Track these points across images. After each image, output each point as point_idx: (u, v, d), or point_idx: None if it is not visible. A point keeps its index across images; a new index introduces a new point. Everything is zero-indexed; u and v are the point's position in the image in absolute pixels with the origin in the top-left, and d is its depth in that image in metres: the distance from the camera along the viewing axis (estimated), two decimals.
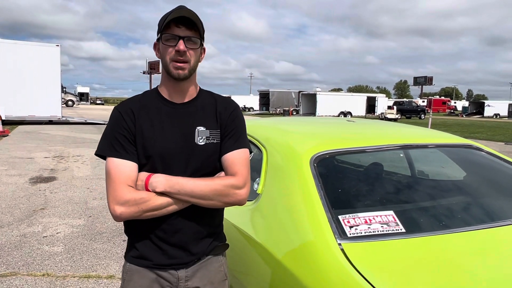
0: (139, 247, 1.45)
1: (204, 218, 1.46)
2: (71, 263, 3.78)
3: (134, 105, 1.45)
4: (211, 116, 1.49)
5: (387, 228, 1.50)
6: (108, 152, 1.39)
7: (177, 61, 1.38)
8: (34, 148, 11.68)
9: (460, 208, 1.87)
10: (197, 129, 1.45)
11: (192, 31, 1.39)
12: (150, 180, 1.36)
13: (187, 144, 1.43)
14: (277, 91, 48.57)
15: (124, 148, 1.38)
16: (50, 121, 20.78)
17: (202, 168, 1.44)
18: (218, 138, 1.47)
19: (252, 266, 1.73)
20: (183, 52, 1.37)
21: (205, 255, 1.49)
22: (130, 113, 1.42)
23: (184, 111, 1.46)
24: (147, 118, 1.43)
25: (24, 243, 4.24)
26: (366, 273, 1.28)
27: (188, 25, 1.38)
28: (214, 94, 1.57)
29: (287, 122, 2.78)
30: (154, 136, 1.41)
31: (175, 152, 1.41)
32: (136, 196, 1.32)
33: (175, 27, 1.37)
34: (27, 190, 6.58)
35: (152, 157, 1.40)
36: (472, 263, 1.41)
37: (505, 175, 2.17)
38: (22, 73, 19.21)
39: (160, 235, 1.42)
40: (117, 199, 1.32)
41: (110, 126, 1.43)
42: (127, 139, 1.39)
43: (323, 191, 1.64)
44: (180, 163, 1.41)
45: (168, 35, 1.38)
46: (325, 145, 1.93)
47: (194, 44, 1.40)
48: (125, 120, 1.41)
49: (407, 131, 2.41)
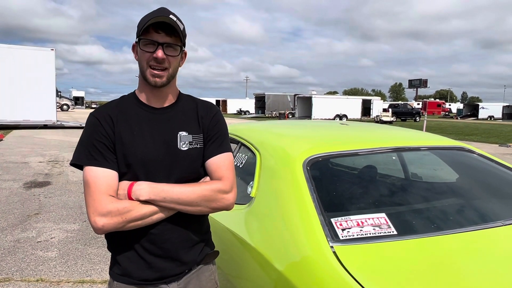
0: (124, 263, 1.37)
1: (192, 224, 1.43)
2: (65, 268, 3.76)
3: (112, 111, 1.38)
4: (193, 120, 1.44)
5: (379, 231, 1.51)
6: (86, 161, 1.31)
7: (154, 68, 1.33)
8: (29, 152, 11.62)
9: (452, 210, 1.89)
10: (179, 134, 1.40)
11: (172, 37, 1.33)
12: (133, 188, 1.29)
13: (170, 150, 1.38)
14: (272, 95, 48.65)
15: (103, 156, 1.31)
16: (45, 125, 20.68)
17: (186, 174, 1.39)
18: (201, 142, 1.43)
19: (245, 269, 1.74)
20: (162, 59, 1.32)
21: (196, 265, 1.46)
22: (108, 119, 1.36)
23: (164, 116, 1.41)
24: (126, 124, 1.36)
25: (18, 249, 4.21)
26: (358, 275, 1.28)
27: (168, 31, 1.32)
28: (194, 98, 1.53)
29: (281, 126, 2.79)
30: (135, 143, 1.34)
31: (158, 159, 1.35)
32: (119, 206, 1.25)
33: (154, 32, 1.31)
34: (21, 195, 6.54)
35: (133, 165, 1.33)
36: (464, 265, 1.42)
37: (496, 177, 2.19)
38: (16, 77, 19.12)
39: (147, 247, 1.36)
40: (98, 210, 1.24)
41: (86, 133, 1.35)
42: (106, 147, 1.32)
43: (316, 194, 1.65)
44: (163, 170, 1.36)
45: (147, 40, 1.32)
46: (318, 148, 1.94)
47: (174, 51, 1.35)
48: (103, 127, 1.34)
49: (400, 134, 2.43)
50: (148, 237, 1.36)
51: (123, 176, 1.35)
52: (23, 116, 19.59)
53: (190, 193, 1.32)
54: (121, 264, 1.38)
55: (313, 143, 2.06)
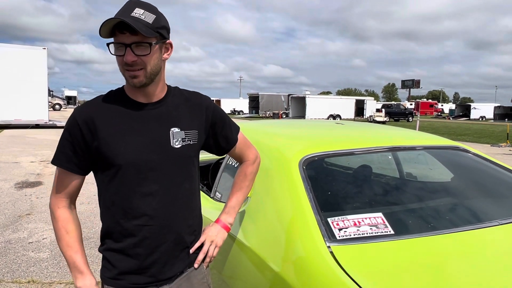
0: (115, 266, 1.35)
1: (185, 227, 1.41)
2: (57, 270, 3.71)
3: (95, 110, 1.32)
4: (185, 115, 1.40)
5: (376, 230, 1.50)
6: (55, 160, 1.35)
7: (129, 70, 1.26)
8: (20, 152, 11.49)
9: (448, 210, 1.88)
10: (172, 131, 1.35)
11: (138, 35, 1.22)
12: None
13: (162, 148, 1.33)
14: (266, 95, 48.67)
15: (67, 157, 1.32)
16: (37, 125, 20.49)
17: (179, 173, 1.37)
18: (194, 139, 1.40)
19: (241, 270, 1.72)
20: (132, 62, 1.24)
21: (188, 267, 1.44)
22: (89, 120, 1.29)
23: (154, 112, 1.35)
24: (112, 123, 1.30)
25: (8, 250, 4.15)
26: (355, 275, 1.27)
27: (132, 30, 1.21)
28: (182, 91, 1.47)
29: (276, 125, 2.78)
30: (123, 142, 1.29)
31: (149, 158, 1.31)
32: (54, 215, 1.39)
33: (119, 33, 1.22)
34: (13, 195, 6.46)
35: (123, 166, 1.29)
36: (460, 264, 1.42)
37: (491, 177, 2.19)
38: (7, 76, 18.92)
39: (139, 251, 1.34)
40: (52, 204, 1.41)
41: (64, 132, 1.34)
42: (74, 148, 1.31)
43: (312, 193, 1.63)
44: (156, 170, 1.32)
45: (115, 43, 1.24)
46: (313, 147, 1.93)
47: (144, 49, 1.24)
48: (80, 129, 1.29)
49: (395, 133, 2.43)
50: (140, 240, 1.33)
51: (113, 178, 1.31)
52: (15, 116, 19.39)
53: (243, 196, 1.64)
54: (112, 268, 1.36)
55: (309, 143, 2.04)
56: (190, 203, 1.44)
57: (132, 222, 1.32)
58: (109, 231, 1.37)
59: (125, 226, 1.33)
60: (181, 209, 1.40)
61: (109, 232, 1.37)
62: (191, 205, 1.45)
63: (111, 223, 1.35)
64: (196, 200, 1.49)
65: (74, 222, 1.38)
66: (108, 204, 1.35)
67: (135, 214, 1.32)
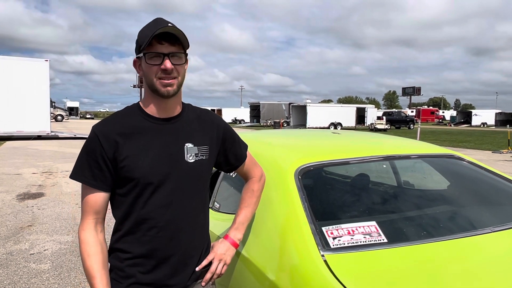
0: (122, 280, 1.38)
1: (193, 241, 1.45)
2: (58, 281, 3.72)
3: (116, 127, 1.36)
4: (196, 131, 1.44)
5: (369, 239, 1.52)
6: (80, 178, 1.35)
7: (164, 78, 1.32)
8: (22, 164, 11.53)
9: (442, 217, 1.90)
10: (186, 146, 1.40)
11: (175, 46, 1.32)
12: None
13: (177, 163, 1.38)
14: (267, 103, 48.79)
15: (93, 175, 1.33)
16: (39, 136, 20.56)
17: (193, 188, 1.41)
18: (206, 154, 1.44)
19: (238, 279, 1.74)
20: (171, 70, 1.31)
21: (195, 281, 1.47)
22: (111, 138, 1.33)
23: (170, 127, 1.40)
24: (132, 140, 1.34)
25: (10, 261, 4.17)
26: (349, 284, 1.29)
27: (171, 41, 1.30)
28: (195, 108, 1.52)
29: (272, 136, 2.81)
30: (143, 157, 1.34)
31: (164, 172, 1.35)
32: (80, 237, 1.36)
33: (158, 44, 1.30)
34: (14, 207, 6.49)
35: (140, 180, 1.33)
36: (454, 271, 1.43)
37: (485, 184, 2.21)
38: (10, 88, 19.04)
39: (146, 262, 1.37)
40: (79, 226, 1.39)
41: (85, 148, 1.36)
42: (100, 166, 1.33)
43: (307, 203, 1.66)
44: (171, 183, 1.36)
45: (152, 53, 1.30)
46: (309, 157, 1.96)
47: (179, 59, 1.34)
48: (102, 146, 1.32)
49: (391, 143, 2.45)
50: (150, 252, 1.37)
51: (130, 191, 1.35)
52: (17, 127, 19.46)
53: (251, 213, 1.63)
54: (119, 282, 1.38)
55: (305, 153, 2.07)
56: (200, 217, 1.48)
57: (145, 233, 1.36)
58: (121, 242, 1.39)
59: (137, 236, 1.37)
60: (191, 223, 1.44)
61: (120, 243, 1.40)
62: (201, 220, 1.49)
63: (124, 233, 1.38)
64: (206, 216, 1.53)
65: (96, 245, 1.35)
66: (123, 217, 1.38)
67: (149, 226, 1.36)
